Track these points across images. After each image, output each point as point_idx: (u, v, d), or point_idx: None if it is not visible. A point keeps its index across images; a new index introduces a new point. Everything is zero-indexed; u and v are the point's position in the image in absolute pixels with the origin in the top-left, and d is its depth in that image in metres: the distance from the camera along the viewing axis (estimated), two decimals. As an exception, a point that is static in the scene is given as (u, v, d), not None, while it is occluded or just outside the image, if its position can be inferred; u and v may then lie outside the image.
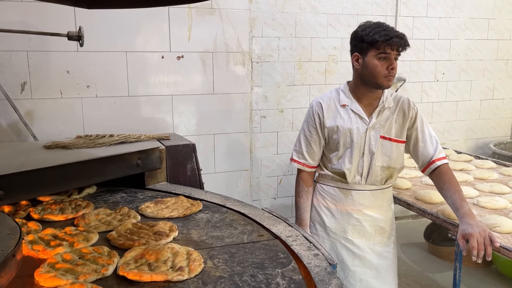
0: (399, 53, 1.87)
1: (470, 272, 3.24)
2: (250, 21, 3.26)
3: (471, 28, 4.03)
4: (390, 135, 1.97)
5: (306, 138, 2.10)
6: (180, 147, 2.39)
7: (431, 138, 1.97)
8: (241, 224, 1.62)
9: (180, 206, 1.80)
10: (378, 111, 1.97)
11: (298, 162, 2.13)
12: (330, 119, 2.02)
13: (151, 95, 3.01)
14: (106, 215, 1.69)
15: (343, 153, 2.01)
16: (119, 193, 2.05)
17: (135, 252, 1.30)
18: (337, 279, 1.26)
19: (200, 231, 1.56)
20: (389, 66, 1.86)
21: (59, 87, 2.78)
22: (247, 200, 3.32)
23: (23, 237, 1.49)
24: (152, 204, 1.82)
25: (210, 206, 1.83)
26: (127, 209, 1.74)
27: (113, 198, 1.99)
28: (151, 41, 2.96)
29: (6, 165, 1.87)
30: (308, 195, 2.13)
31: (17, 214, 1.75)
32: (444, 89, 4.07)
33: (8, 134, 2.69)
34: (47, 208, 1.78)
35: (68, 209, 1.77)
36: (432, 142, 1.97)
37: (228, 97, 3.23)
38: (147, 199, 1.94)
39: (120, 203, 1.92)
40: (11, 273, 1.09)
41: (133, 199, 1.96)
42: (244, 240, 1.48)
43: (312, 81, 3.53)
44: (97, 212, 1.72)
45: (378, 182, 2.03)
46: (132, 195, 2.02)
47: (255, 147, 3.48)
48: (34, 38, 2.63)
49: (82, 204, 1.82)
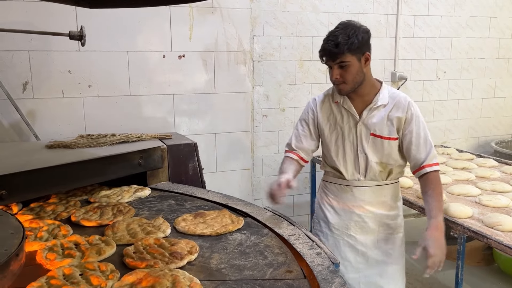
0: (336, 63, 1.84)
1: (472, 271, 3.24)
2: (252, 20, 3.26)
3: (472, 26, 4.02)
4: (381, 133, 1.94)
5: (296, 133, 2.11)
6: (182, 146, 2.39)
7: (425, 142, 1.92)
8: (274, 253, 1.43)
9: (219, 222, 1.68)
10: (369, 108, 1.94)
11: (286, 151, 2.15)
12: (323, 116, 2.04)
13: (152, 95, 3.01)
14: (139, 225, 1.63)
15: (336, 150, 2.02)
16: (169, 200, 2.00)
17: (135, 276, 1.21)
18: (340, 278, 1.27)
19: (222, 257, 1.41)
20: (331, 77, 1.90)
21: (61, 86, 2.78)
22: (249, 199, 3.32)
23: (49, 241, 1.49)
24: (190, 216, 1.73)
25: (252, 225, 1.67)
26: (161, 220, 1.67)
27: (159, 205, 1.93)
28: (152, 40, 2.96)
29: (8, 164, 1.88)
30: (291, 164, 2.06)
31: (58, 216, 1.77)
32: (445, 88, 4.07)
33: (10, 134, 2.70)
34: (89, 211, 1.78)
35: (107, 214, 1.75)
36: (426, 146, 1.92)
37: (229, 96, 3.23)
38: (192, 209, 1.85)
39: (162, 211, 1.85)
40: (15, 272, 1.10)
41: (178, 208, 1.88)
42: (266, 275, 1.28)
43: (314, 80, 3.53)
44: (131, 221, 1.68)
45: (379, 178, 2.01)
46: (180, 203, 1.95)
47: (257, 146, 3.48)
48: (35, 38, 2.63)
49: (124, 210, 1.80)
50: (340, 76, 1.86)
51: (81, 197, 2.03)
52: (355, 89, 1.91)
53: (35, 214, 1.79)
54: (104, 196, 2.00)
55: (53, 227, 1.62)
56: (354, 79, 1.87)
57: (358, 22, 1.89)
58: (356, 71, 1.85)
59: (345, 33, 1.81)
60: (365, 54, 1.86)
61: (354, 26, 1.85)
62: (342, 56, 1.81)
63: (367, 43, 1.88)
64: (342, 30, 1.83)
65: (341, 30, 1.83)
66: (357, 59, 1.84)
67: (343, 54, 1.80)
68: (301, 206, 3.74)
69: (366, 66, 1.89)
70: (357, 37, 1.81)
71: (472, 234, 2.06)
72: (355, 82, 1.88)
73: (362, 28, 1.86)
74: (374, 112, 1.95)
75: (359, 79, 1.88)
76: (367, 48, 1.88)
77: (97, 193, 2.04)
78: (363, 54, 1.85)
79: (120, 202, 1.92)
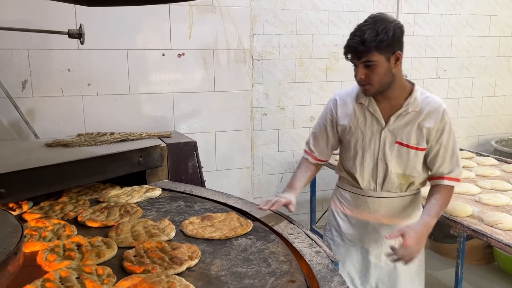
0: (361, 61, 1.67)
1: (472, 269, 3.24)
2: (251, 19, 3.26)
3: (472, 24, 4.02)
4: (408, 142, 1.77)
5: (314, 133, 2.00)
6: (181, 145, 2.39)
7: (452, 156, 1.77)
8: (279, 260, 1.37)
9: (227, 225, 1.64)
10: (398, 114, 1.77)
11: (305, 151, 2.04)
12: (343, 118, 1.87)
13: (152, 93, 3.01)
14: (143, 227, 1.60)
15: (354, 156, 1.86)
16: (179, 201, 1.96)
17: (130, 282, 1.19)
18: (339, 276, 1.26)
19: (224, 263, 1.37)
20: (355, 75, 1.72)
21: (60, 85, 2.78)
22: (249, 197, 3.31)
23: (52, 242, 1.48)
24: (197, 219, 1.69)
25: (259, 230, 1.62)
26: (167, 222, 1.64)
27: (168, 207, 1.90)
28: (151, 38, 2.96)
29: (7, 163, 1.87)
30: (307, 170, 1.99)
31: (66, 216, 1.76)
32: (445, 86, 4.06)
33: (9, 132, 2.69)
34: (96, 211, 1.77)
35: (114, 215, 1.73)
36: (452, 161, 1.77)
37: (229, 94, 3.22)
38: (200, 211, 1.82)
39: (170, 213, 1.81)
40: (13, 270, 1.10)
41: (187, 210, 1.85)
42: (266, 284, 1.23)
43: (313, 79, 3.53)
44: (137, 223, 1.65)
45: (397, 189, 1.85)
46: (189, 205, 1.91)
47: (256, 144, 3.48)
48: (35, 36, 2.63)
49: (132, 210, 1.78)
50: (366, 76, 1.67)
51: (91, 196, 2.03)
52: (382, 91, 1.73)
53: (43, 213, 1.79)
54: (114, 196, 1.99)
55: (58, 227, 1.61)
56: (381, 80, 1.68)
57: (391, 17, 1.67)
58: (384, 72, 1.66)
59: (374, 29, 1.60)
60: (396, 53, 1.66)
61: (385, 20, 1.64)
62: (369, 55, 1.62)
63: (399, 41, 1.67)
64: (371, 24, 1.62)
65: (370, 24, 1.62)
66: (386, 59, 1.64)
67: (369, 52, 1.62)
68: (301, 204, 3.73)
69: (396, 67, 1.69)
70: (387, 33, 1.60)
71: (472, 232, 2.06)
72: (382, 83, 1.69)
73: (394, 24, 1.64)
74: (403, 118, 1.77)
75: (387, 81, 1.69)
76: (398, 47, 1.67)
77: (107, 192, 2.03)
78: (393, 53, 1.66)
79: (129, 202, 1.90)
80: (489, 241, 1.97)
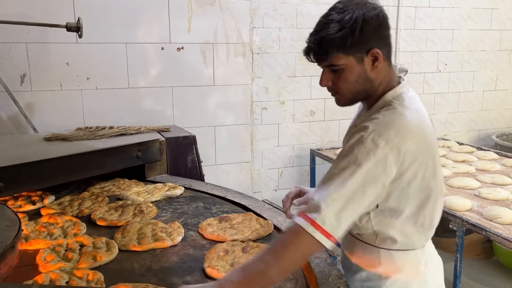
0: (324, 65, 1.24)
1: (471, 264, 3.24)
2: (251, 12, 3.24)
3: (474, 18, 3.99)
4: None
5: None
6: (181, 139, 2.38)
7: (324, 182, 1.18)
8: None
9: (248, 226, 1.56)
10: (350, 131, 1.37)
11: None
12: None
13: (151, 87, 3.00)
14: (152, 229, 1.53)
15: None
16: (198, 202, 1.90)
17: None
18: (337, 270, 1.26)
19: None
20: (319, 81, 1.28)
21: (59, 79, 2.77)
22: (248, 192, 3.31)
23: (57, 240, 1.46)
24: (215, 221, 1.62)
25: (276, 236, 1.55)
26: (177, 225, 1.57)
27: (186, 207, 1.84)
28: (151, 32, 2.94)
29: (6, 157, 1.87)
30: None
31: (80, 212, 1.75)
32: (446, 80, 4.04)
33: (8, 126, 2.69)
34: (111, 209, 1.74)
35: (127, 214, 1.69)
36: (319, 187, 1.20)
37: (228, 88, 3.21)
38: (217, 214, 1.74)
39: (185, 215, 1.75)
40: (10, 264, 1.10)
41: (203, 212, 1.78)
42: None
43: (314, 73, 3.51)
44: (146, 224, 1.58)
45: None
46: (208, 207, 1.84)
47: (256, 139, 3.47)
48: (33, 29, 2.62)
49: (146, 210, 1.72)
50: (333, 83, 1.25)
51: (113, 193, 2.01)
52: (361, 100, 1.32)
53: (61, 209, 1.78)
54: (135, 193, 1.94)
55: (68, 225, 1.59)
56: (351, 89, 1.24)
57: (367, 1, 1.21)
58: (355, 78, 1.22)
59: (338, 21, 1.18)
60: (372, 51, 1.19)
61: (356, 6, 1.19)
62: (331, 58, 1.20)
63: (376, 34, 1.20)
64: (337, 14, 1.20)
65: (335, 14, 1.20)
66: (357, 61, 1.20)
67: (331, 54, 1.19)
68: (301, 199, 3.73)
69: (374, 69, 1.21)
70: (352, 27, 1.16)
71: (471, 226, 2.06)
72: (354, 92, 1.24)
73: (367, 10, 1.17)
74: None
75: (360, 88, 1.23)
76: (375, 42, 1.19)
77: (128, 189, 2.00)
78: (368, 51, 1.19)
79: (147, 201, 1.85)
80: (488, 235, 1.97)
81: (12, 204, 1.82)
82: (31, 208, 1.81)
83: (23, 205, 1.82)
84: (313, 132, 3.63)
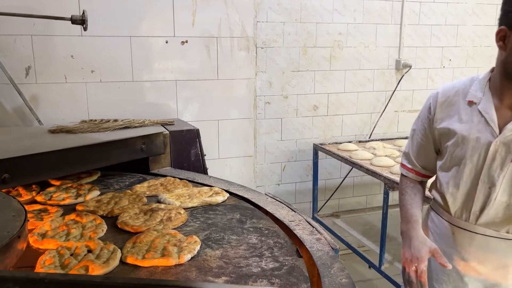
0: None
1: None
2: (255, 6, 3.23)
3: (478, 13, 3.97)
4: None
5: (414, 139, 1.60)
6: (184, 133, 2.40)
7: None
8: None
9: None
10: None
11: (402, 165, 1.65)
12: (441, 118, 1.47)
13: (155, 80, 3.01)
14: (167, 241, 1.39)
15: (449, 170, 1.46)
16: (235, 213, 1.68)
17: None
18: (339, 263, 1.27)
19: None
20: None
21: (64, 71, 2.78)
22: (251, 186, 3.32)
23: (68, 241, 1.40)
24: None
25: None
26: (194, 240, 1.40)
27: (219, 218, 1.64)
28: (155, 26, 2.94)
29: (11, 149, 1.89)
30: (415, 191, 1.58)
31: (110, 213, 1.67)
32: (450, 76, 4.03)
33: (13, 118, 2.70)
34: (140, 213, 1.63)
35: (154, 219, 1.57)
36: None
37: (232, 82, 3.22)
38: (249, 230, 1.54)
39: (212, 227, 1.56)
40: (16, 254, 1.11)
41: (234, 226, 1.57)
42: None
43: (317, 67, 3.51)
44: (164, 234, 1.43)
45: (501, 226, 1.37)
46: (243, 220, 1.63)
47: (259, 133, 3.48)
48: (38, 22, 2.62)
49: (174, 217, 1.59)
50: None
51: (158, 192, 1.89)
52: None
53: (96, 206, 1.71)
54: (175, 195, 1.83)
55: (90, 225, 1.52)
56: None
57: None
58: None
59: None
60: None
61: None
62: None
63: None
64: None
65: None
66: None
67: None
68: (303, 193, 3.74)
69: None
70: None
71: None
72: None
73: None
74: None
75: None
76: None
77: (171, 190, 1.91)
78: None
79: (183, 206, 1.72)
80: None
81: (56, 196, 1.82)
82: (72, 202, 1.78)
83: (66, 198, 1.81)
84: (316, 126, 3.63)
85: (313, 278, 1.26)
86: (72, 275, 1.10)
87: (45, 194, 1.86)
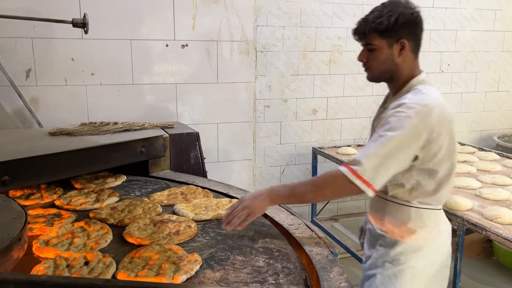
0: (364, 44, 1.59)
1: (470, 263, 3.25)
2: (255, 10, 3.25)
3: (477, 19, 3.99)
4: None
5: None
6: (184, 136, 2.40)
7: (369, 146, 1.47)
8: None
9: None
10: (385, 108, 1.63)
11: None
12: None
13: (155, 84, 3.02)
14: (167, 258, 1.31)
15: None
16: (248, 230, 1.55)
17: None
18: (338, 267, 1.28)
19: None
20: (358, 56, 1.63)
21: (64, 74, 2.79)
22: (250, 189, 3.33)
23: (67, 251, 1.38)
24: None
25: None
26: (194, 259, 1.32)
27: (230, 234, 1.53)
28: (155, 29, 2.96)
29: (11, 151, 1.89)
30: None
31: (121, 221, 1.62)
32: (449, 81, 4.05)
33: (13, 120, 2.71)
34: (150, 224, 1.58)
35: (162, 232, 1.51)
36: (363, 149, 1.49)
37: (232, 86, 3.23)
38: (259, 250, 1.43)
39: (222, 244, 1.46)
40: (16, 256, 1.12)
41: (243, 245, 1.46)
42: None
43: (317, 71, 3.52)
44: (165, 250, 1.36)
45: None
46: (255, 238, 1.51)
47: (258, 136, 3.49)
48: (38, 25, 2.63)
49: (183, 231, 1.52)
50: (367, 60, 1.59)
51: (176, 202, 1.84)
52: (387, 82, 1.64)
53: (109, 214, 1.68)
54: (191, 206, 1.76)
55: (96, 234, 1.49)
56: (380, 67, 1.57)
57: (411, 3, 1.57)
58: (383, 59, 1.55)
59: (381, 11, 1.54)
60: (400, 41, 1.54)
61: (398, 5, 1.54)
62: (369, 38, 1.55)
63: (406, 28, 1.54)
64: (382, 7, 1.56)
65: (381, 7, 1.56)
66: (388, 45, 1.54)
67: (369, 34, 1.54)
68: (302, 197, 3.75)
69: (400, 56, 1.55)
70: (389, 17, 1.50)
71: (471, 226, 2.07)
72: (381, 70, 1.58)
73: (405, 10, 1.53)
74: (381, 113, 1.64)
75: (386, 69, 1.57)
76: (405, 35, 1.54)
77: (190, 200, 1.85)
78: (398, 40, 1.53)
79: (198, 219, 1.65)
80: (488, 235, 1.98)
81: (74, 201, 1.82)
82: (88, 207, 1.77)
83: (83, 203, 1.80)
84: (315, 130, 3.64)
85: (312, 281, 1.27)
86: (73, 278, 1.11)
87: (64, 198, 1.87)
